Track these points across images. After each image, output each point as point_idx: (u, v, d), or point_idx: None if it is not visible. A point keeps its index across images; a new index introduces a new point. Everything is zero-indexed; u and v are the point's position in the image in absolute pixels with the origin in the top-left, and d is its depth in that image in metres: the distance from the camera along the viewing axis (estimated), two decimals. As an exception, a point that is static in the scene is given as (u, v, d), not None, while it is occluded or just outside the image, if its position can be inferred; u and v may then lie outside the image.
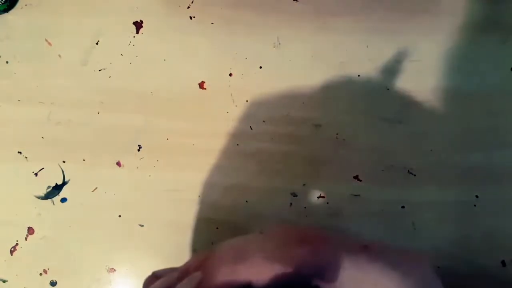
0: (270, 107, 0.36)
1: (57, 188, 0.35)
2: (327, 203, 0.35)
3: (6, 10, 0.36)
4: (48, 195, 0.35)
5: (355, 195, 0.35)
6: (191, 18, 0.37)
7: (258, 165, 0.35)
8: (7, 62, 0.36)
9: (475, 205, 0.35)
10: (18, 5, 0.37)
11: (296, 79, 0.36)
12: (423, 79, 0.36)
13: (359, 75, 0.36)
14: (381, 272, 0.18)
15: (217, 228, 0.35)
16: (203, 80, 0.36)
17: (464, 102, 0.36)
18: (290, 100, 0.36)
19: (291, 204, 0.35)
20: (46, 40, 0.36)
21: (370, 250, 0.19)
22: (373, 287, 0.18)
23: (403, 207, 0.35)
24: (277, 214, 0.35)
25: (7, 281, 0.35)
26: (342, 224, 0.35)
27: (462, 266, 0.34)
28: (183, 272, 0.21)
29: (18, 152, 0.36)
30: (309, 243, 0.18)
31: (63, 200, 0.35)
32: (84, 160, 0.36)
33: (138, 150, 0.36)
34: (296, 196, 0.35)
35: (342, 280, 0.18)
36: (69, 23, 0.37)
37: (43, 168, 0.36)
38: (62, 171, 0.35)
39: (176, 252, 0.35)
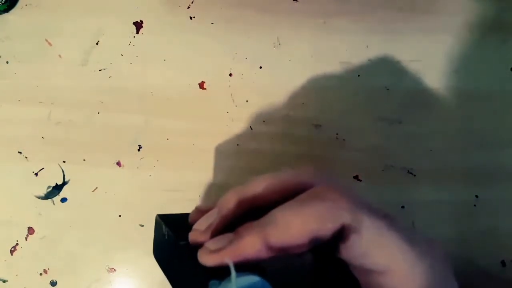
0: (270, 107, 0.36)
1: (57, 188, 0.35)
2: (327, 203, 0.35)
3: (6, 10, 0.36)
4: (48, 195, 0.35)
5: (355, 195, 0.35)
6: (191, 18, 0.37)
7: (258, 165, 0.35)
8: (7, 62, 0.36)
9: (475, 205, 0.35)
10: (18, 5, 0.37)
11: (296, 79, 0.36)
12: (423, 79, 0.36)
13: (359, 75, 0.36)
14: (398, 244, 0.18)
15: (217, 228, 0.35)
16: (203, 80, 0.36)
17: (464, 102, 0.36)
18: (290, 100, 0.36)
19: (291, 204, 0.35)
20: (46, 40, 0.36)
21: (391, 219, 0.19)
22: (387, 256, 0.18)
23: (403, 207, 0.35)
24: (277, 214, 0.35)
25: (7, 281, 0.35)
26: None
27: (462, 266, 0.34)
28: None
29: (18, 152, 0.36)
30: (328, 198, 0.18)
31: (63, 200, 0.35)
32: (84, 160, 0.36)
33: (138, 150, 0.36)
34: (296, 196, 0.35)
35: (361, 240, 0.18)
36: (69, 23, 0.37)
37: (43, 168, 0.36)
38: (62, 171, 0.35)
39: (176, 252, 0.35)
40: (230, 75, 0.36)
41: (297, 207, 0.18)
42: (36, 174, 0.35)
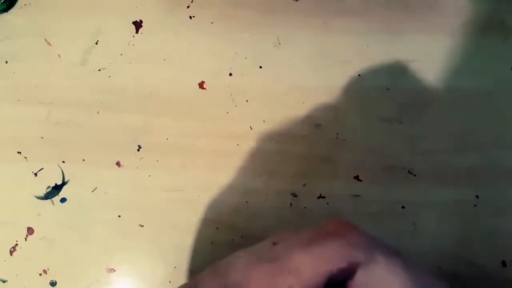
0: (270, 107, 0.36)
1: (57, 188, 0.35)
2: (327, 203, 0.35)
3: (6, 9, 0.36)
4: (48, 195, 0.35)
5: (355, 195, 0.35)
6: (190, 17, 0.37)
7: (258, 165, 0.35)
8: (6, 62, 0.36)
9: (475, 205, 0.35)
10: (17, 4, 0.37)
11: (296, 79, 0.36)
12: (423, 79, 0.36)
13: (359, 75, 0.36)
14: (415, 283, 0.17)
15: (217, 228, 0.35)
16: (203, 80, 0.36)
17: (464, 102, 0.36)
18: (290, 100, 0.36)
19: (291, 204, 0.35)
20: (46, 40, 0.36)
21: (404, 257, 0.18)
22: None
23: (403, 207, 0.35)
24: (277, 214, 0.35)
25: (7, 281, 0.35)
26: (342, 224, 0.35)
27: (462, 266, 0.34)
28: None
29: (18, 152, 0.36)
30: (340, 235, 0.17)
31: (63, 200, 0.35)
32: (84, 160, 0.36)
33: (138, 150, 0.36)
34: (296, 196, 0.35)
35: (373, 280, 0.17)
36: (69, 23, 0.36)
37: (42, 168, 0.36)
38: (62, 171, 0.35)
39: (176, 253, 0.35)
40: (230, 75, 0.36)
41: (307, 247, 0.17)
42: (36, 174, 0.35)
